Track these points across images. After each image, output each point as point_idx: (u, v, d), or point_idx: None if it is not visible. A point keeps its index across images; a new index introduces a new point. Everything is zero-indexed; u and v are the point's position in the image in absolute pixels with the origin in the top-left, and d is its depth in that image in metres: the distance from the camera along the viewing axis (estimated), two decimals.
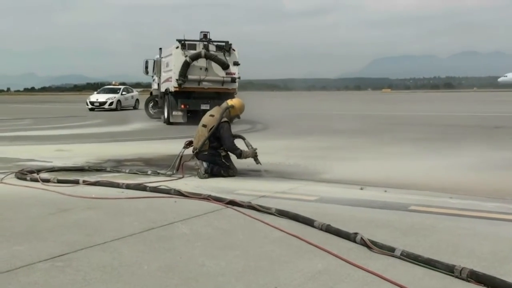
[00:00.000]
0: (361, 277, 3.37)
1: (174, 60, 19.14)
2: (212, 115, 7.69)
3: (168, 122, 19.81)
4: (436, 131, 15.94)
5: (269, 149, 9.94)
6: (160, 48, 22.52)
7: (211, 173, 7.37)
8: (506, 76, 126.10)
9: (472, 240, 4.19)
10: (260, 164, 7.58)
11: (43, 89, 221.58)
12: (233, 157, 7.66)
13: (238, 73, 19.56)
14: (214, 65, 19.13)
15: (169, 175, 7.41)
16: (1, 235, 4.34)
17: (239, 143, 7.72)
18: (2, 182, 6.88)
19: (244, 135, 8.17)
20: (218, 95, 19.04)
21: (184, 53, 18.93)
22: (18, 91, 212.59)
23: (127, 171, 7.83)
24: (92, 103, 33.82)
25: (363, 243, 3.96)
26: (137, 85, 73.53)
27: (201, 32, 19.49)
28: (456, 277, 3.30)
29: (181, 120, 19.31)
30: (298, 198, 5.91)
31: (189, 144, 7.75)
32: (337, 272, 3.45)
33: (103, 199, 5.80)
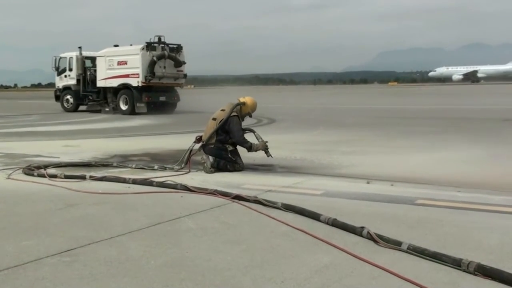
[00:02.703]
0: (367, 271, 3.36)
1: (141, 59, 22.35)
2: (223, 110, 7.70)
3: (131, 112, 22.77)
4: (443, 124, 15.85)
5: (276, 143, 9.90)
6: (80, 47, 25.46)
7: (217, 168, 7.37)
8: (435, 71, 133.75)
9: (479, 234, 4.17)
10: (272, 157, 7.59)
11: (50, 85, 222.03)
12: (242, 151, 7.65)
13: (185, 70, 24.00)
14: (170, 63, 22.88)
15: (176, 170, 7.42)
16: (9, 230, 4.38)
17: (249, 137, 7.71)
18: (9, 178, 6.91)
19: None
20: (171, 89, 24.01)
21: (149, 53, 22.31)
22: (25, 87, 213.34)
23: (133, 166, 7.84)
24: None
25: (370, 237, 3.95)
26: None
27: (156, 35, 23.09)
28: (464, 270, 3.29)
29: (144, 111, 22.78)
30: (304, 192, 5.91)
31: (199, 139, 7.76)
32: (343, 266, 3.45)
33: (109, 194, 5.83)
